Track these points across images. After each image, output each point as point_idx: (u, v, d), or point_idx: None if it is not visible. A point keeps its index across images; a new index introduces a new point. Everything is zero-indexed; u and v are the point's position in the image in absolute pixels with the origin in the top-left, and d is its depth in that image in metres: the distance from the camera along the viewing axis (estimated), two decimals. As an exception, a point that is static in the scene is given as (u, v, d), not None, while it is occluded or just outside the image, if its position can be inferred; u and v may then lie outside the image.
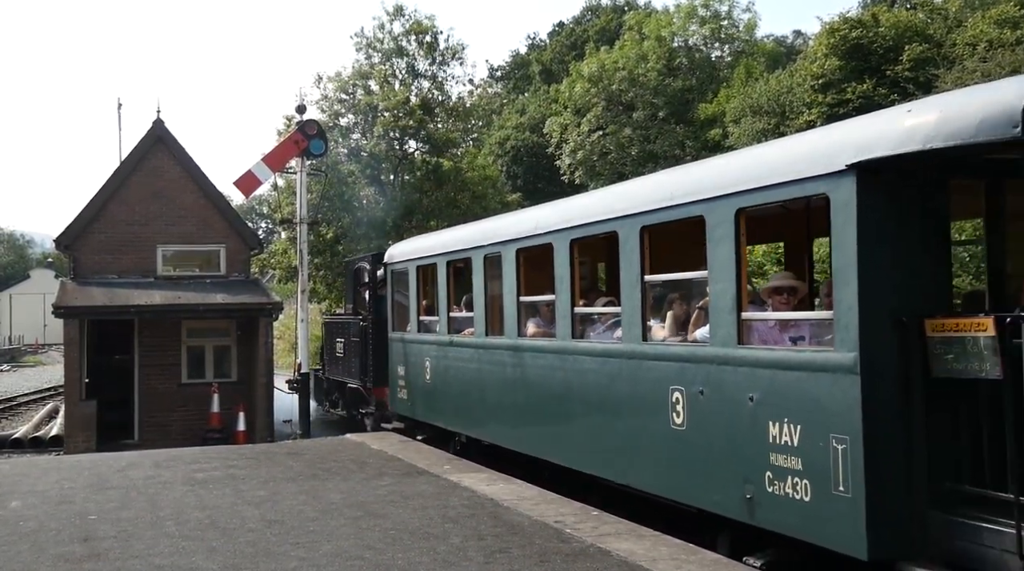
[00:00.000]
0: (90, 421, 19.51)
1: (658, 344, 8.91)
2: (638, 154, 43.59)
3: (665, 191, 8.83)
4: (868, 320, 6.42)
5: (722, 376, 7.79)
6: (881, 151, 6.34)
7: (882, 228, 6.47)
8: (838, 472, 6.57)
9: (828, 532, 6.68)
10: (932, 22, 33.97)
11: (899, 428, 6.40)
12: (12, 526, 8.79)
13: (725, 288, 7.77)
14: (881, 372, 6.42)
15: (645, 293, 9.02)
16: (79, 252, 21.79)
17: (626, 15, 54.81)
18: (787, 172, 7.15)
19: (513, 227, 12.09)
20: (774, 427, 7.18)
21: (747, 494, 7.42)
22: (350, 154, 42.67)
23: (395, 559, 7.27)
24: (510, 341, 11.87)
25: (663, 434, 8.53)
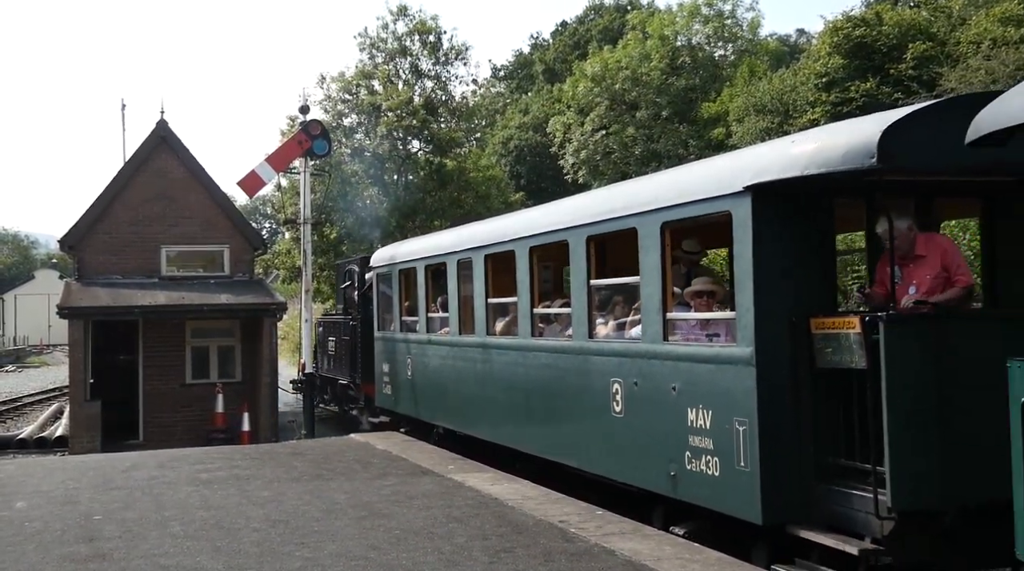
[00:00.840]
0: (95, 421, 19.54)
1: (601, 341, 9.99)
2: (641, 153, 43.58)
3: (607, 205, 9.97)
4: (762, 320, 7.49)
5: (651, 369, 8.91)
6: (771, 175, 7.44)
7: (774, 241, 7.54)
8: (740, 450, 7.63)
9: (732, 502, 7.74)
10: (935, 20, 33.91)
11: (789, 411, 7.47)
12: (17, 526, 8.80)
13: (653, 291, 8.84)
14: (773, 364, 7.47)
15: (591, 295, 10.16)
16: (83, 253, 21.81)
17: (629, 14, 54.79)
18: (700, 191, 8.26)
19: (482, 235, 13.20)
20: (692, 413, 8.28)
21: (671, 472, 8.52)
22: (353, 154, 42.70)
23: (399, 559, 7.28)
24: (479, 339, 12.95)
25: (605, 421, 9.63)
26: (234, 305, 20.98)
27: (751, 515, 7.52)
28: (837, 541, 7.02)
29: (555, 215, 11.31)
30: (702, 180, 8.48)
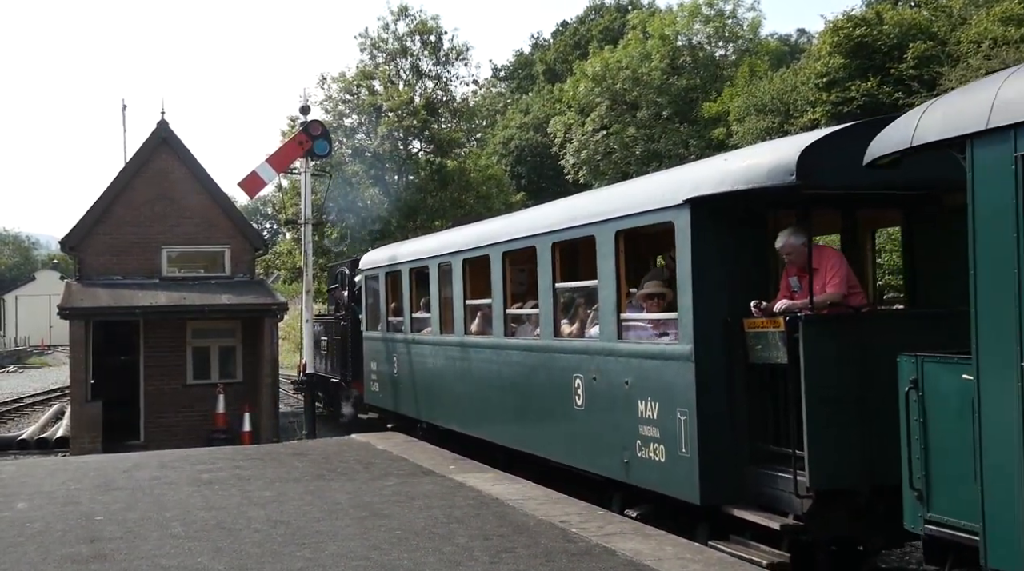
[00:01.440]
0: (96, 422, 19.54)
1: (565, 340, 10.83)
2: (642, 153, 43.58)
3: (569, 214, 10.78)
4: (700, 320, 8.31)
5: (608, 365, 9.75)
6: (706, 190, 8.29)
7: (710, 248, 8.36)
8: (682, 438, 8.46)
9: (675, 485, 8.59)
10: (936, 20, 33.88)
11: (724, 403, 8.29)
12: (19, 527, 8.81)
13: (609, 294, 9.67)
14: (710, 360, 8.29)
15: (556, 297, 10.99)
16: (84, 253, 21.82)
17: (630, 14, 54.81)
18: (648, 203, 9.12)
19: (459, 240, 14.05)
20: (642, 405, 9.11)
21: (625, 459, 9.37)
22: (354, 154, 42.71)
23: (401, 559, 7.28)
24: (458, 339, 13.79)
25: (568, 413, 10.52)
26: (235, 305, 20.98)
27: (691, 497, 8.37)
28: (763, 518, 7.82)
29: (524, 222, 12.17)
30: (650, 193, 9.38)
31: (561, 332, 11.01)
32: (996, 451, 5.66)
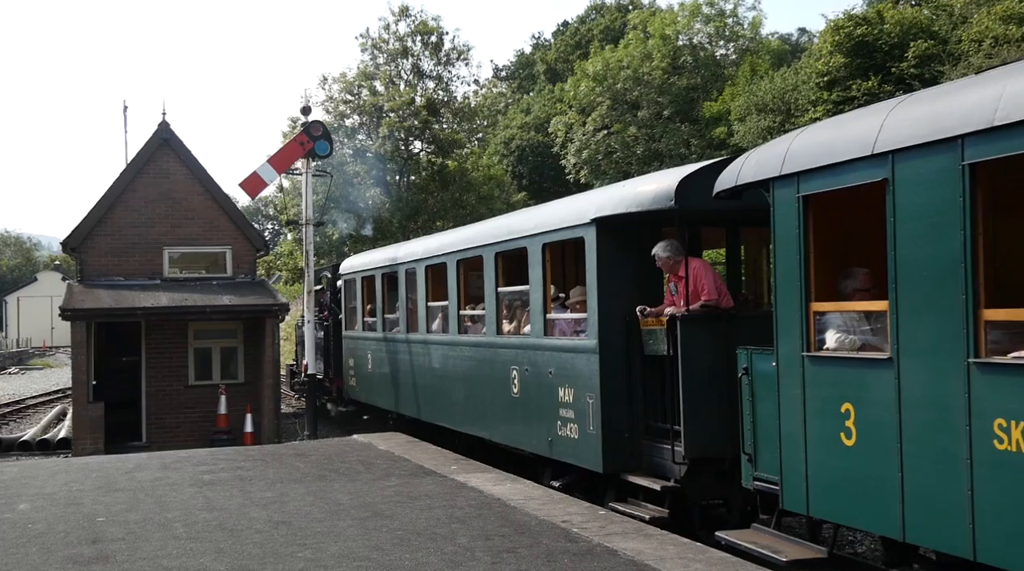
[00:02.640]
0: (98, 423, 19.54)
1: (505, 336, 12.59)
2: (643, 153, 43.58)
3: (508, 229, 12.55)
4: (603, 319, 10.11)
5: (536, 358, 11.58)
6: (607, 211, 10.13)
7: (612, 260, 10.15)
8: (589, 418, 10.23)
9: (584, 457, 10.41)
10: (937, 19, 33.87)
11: (624, 388, 10.09)
12: (21, 528, 8.82)
13: (538, 297, 11.53)
14: (612, 352, 10.09)
15: (499, 300, 12.69)
16: (86, 254, 21.82)
17: (631, 14, 54.81)
18: (566, 221, 10.93)
19: (423, 249, 15.94)
20: (561, 391, 10.89)
21: (549, 438, 11.19)
22: (356, 155, 42.73)
23: (402, 560, 7.28)
24: (421, 336, 15.66)
25: (508, 401, 12.34)
26: (237, 306, 20.98)
27: (596, 466, 10.17)
28: (650, 482, 9.60)
29: (475, 234, 13.87)
30: (568, 212, 11.07)
31: (503, 330, 12.74)
32: (789, 422, 7.53)
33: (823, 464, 7.16)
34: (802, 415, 7.34)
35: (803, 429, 7.32)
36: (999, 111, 5.56)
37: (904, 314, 6.45)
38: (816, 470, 7.23)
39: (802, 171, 7.33)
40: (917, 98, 6.77)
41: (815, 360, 7.26)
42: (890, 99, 7.40)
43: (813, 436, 7.24)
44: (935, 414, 6.17)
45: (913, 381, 6.36)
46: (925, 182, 6.23)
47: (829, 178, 7.09)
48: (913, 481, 6.34)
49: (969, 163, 5.82)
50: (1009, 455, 5.58)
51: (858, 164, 6.79)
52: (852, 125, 7.14)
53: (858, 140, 6.84)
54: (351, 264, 20.32)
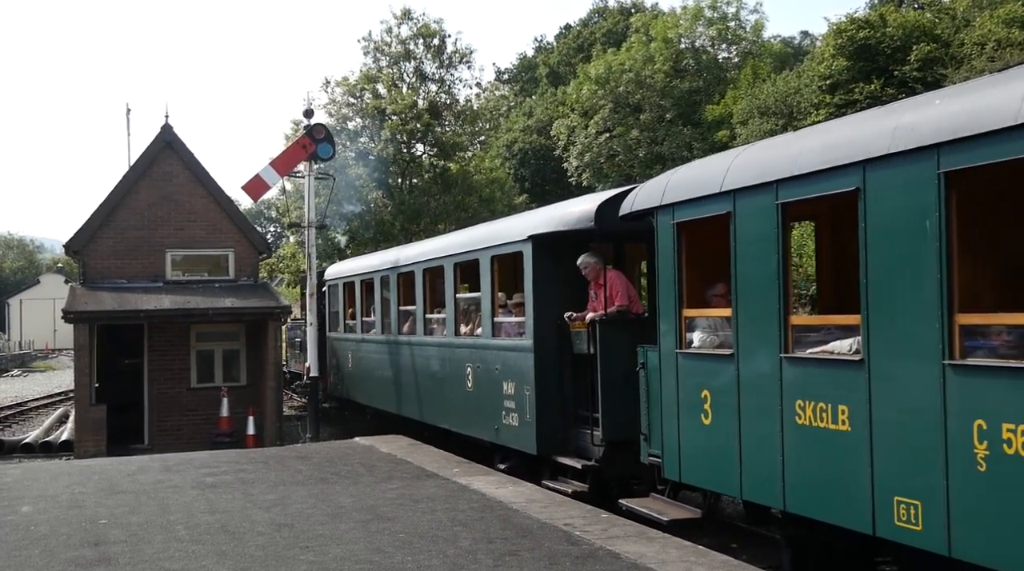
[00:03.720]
0: (100, 425, 19.54)
1: (462, 337, 14.26)
2: (646, 156, 43.58)
3: (465, 242, 14.46)
4: (538, 323, 11.77)
5: (486, 356, 13.19)
6: (541, 229, 11.88)
7: (545, 272, 11.83)
8: (527, 408, 11.81)
9: (523, 442, 12.02)
10: (940, 22, 33.85)
11: (555, 381, 11.70)
12: (23, 531, 8.82)
13: (487, 303, 13.18)
14: (545, 351, 11.71)
15: (457, 305, 14.49)
16: (88, 257, 21.83)
17: (633, 17, 54.83)
18: (509, 237, 12.66)
19: (394, 258, 17.70)
20: (506, 385, 12.46)
21: (496, 427, 12.75)
22: (358, 158, 42.73)
23: (404, 562, 7.28)
24: (393, 337, 17.38)
25: (463, 395, 14.04)
26: (239, 309, 20.99)
27: (532, 450, 11.79)
28: (574, 462, 11.18)
29: (437, 247, 15.75)
30: (511, 229, 12.89)
31: (460, 332, 14.40)
32: (667, 406, 9.27)
33: (689, 439, 8.93)
34: (675, 400, 9.12)
35: (676, 412, 9.09)
36: (798, 164, 7.44)
37: (742, 319, 8.10)
38: (685, 444, 8.99)
39: (676, 202, 9.05)
40: (755, 147, 8.68)
41: (684, 355, 9.03)
42: (736, 148, 9.46)
43: (683, 417, 8.99)
44: (759, 399, 7.86)
45: (747, 372, 8.06)
46: (754, 216, 7.93)
47: (694, 209, 8.81)
48: (747, 451, 8.03)
49: (780, 202, 7.62)
50: (805, 428, 7.35)
51: (712, 199, 8.48)
52: (711, 166, 8.95)
53: (712, 179, 8.54)
54: (334, 271, 22.26)
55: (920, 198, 6.30)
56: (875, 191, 6.68)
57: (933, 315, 6.19)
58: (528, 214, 13.94)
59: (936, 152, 6.18)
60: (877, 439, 6.65)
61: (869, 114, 7.49)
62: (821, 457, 7.17)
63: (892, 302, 6.61)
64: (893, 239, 6.60)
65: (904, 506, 6.43)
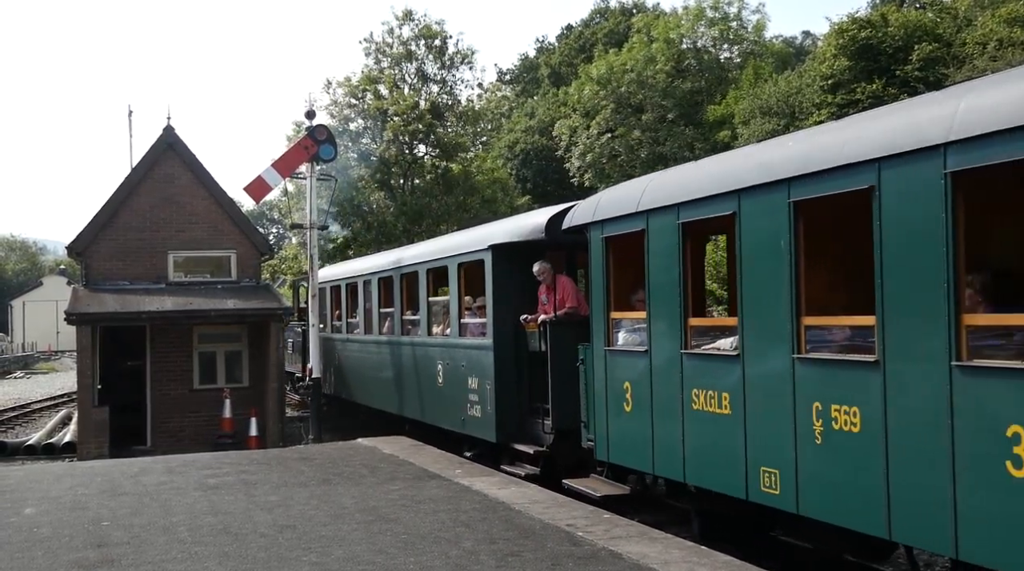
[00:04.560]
0: (103, 427, 19.55)
1: (434, 337, 15.69)
2: (647, 156, 43.57)
3: (435, 250, 16.06)
4: (497, 324, 13.14)
5: (454, 354, 14.67)
6: (500, 240, 13.28)
7: (504, 277, 13.18)
8: (488, 400, 13.20)
9: (484, 431, 13.41)
10: (941, 21, 33.85)
11: (513, 377, 13.04)
12: (26, 532, 8.83)
13: (455, 306, 14.66)
14: (504, 349, 13.06)
15: (429, 308, 15.96)
16: (91, 259, 21.84)
17: (634, 17, 54.79)
18: (473, 246, 14.21)
19: (377, 264, 19.31)
20: (470, 380, 13.86)
21: (462, 418, 14.15)
22: (360, 159, 42.73)
23: (407, 564, 7.28)
24: (374, 337, 18.94)
25: (435, 389, 15.53)
26: (241, 310, 20.99)
27: (492, 438, 13.21)
28: (528, 447, 12.53)
29: (413, 254, 17.27)
30: (474, 239, 14.43)
31: (432, 332, 15.82)
32: (598, 396, 10.64)
33: (615, 425, 10.31)
34: (604, 391, 10.46)
35: (605, 401, 10.46)
36: (692, 190, 8.96)
37: (653, 320, 9.52)
38: (612, 429, 10.39)
39: (605, 219, 10.41)
40: (665, 174, 10.36)
41: (611, 352, 10.38)
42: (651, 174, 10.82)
43: (610, 406, 10.37)
44: (666, 388, 9.27)
45: (657, 366, 9.45)
46: (662, 232, 9.32)
47: (619, 225, 10.14)
48: (658, 433, 9.45)
49: (681, 222, 9.04)
50: (699, 412, 8.74)
51: (631, 217, 9.81)
52: (631, 188, 10.37)
53: (632, 200, 9.85)
54: (323, 275, 23.16)
55: (777, 222, 7.61)
56: (746, 215, 8.08)
57: (787, 317, 7.53)
58: (489, 225, 15.42)
59: (788, 185, 7.52)
60: (749, 420, 8.03)
61: (744, 151, 9.54)
62: (710, 436, 8.60)
63: (760, 307, 7.97)
64: (759, 255, 7.93)
65: (767, 474, 7.84)
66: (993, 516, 5.78)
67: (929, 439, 6.25)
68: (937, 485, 6.17)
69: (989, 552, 5.84)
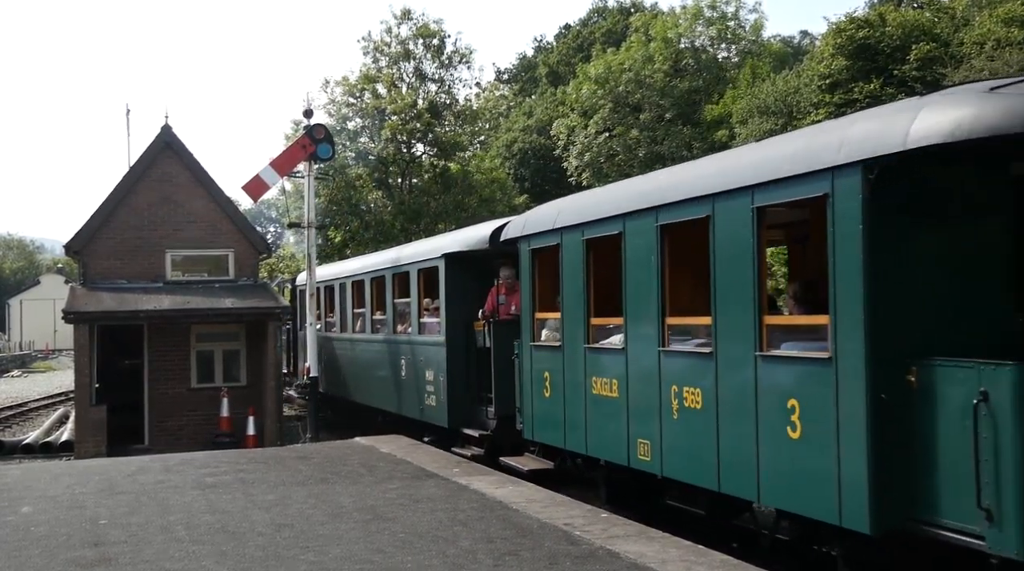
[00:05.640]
0: (100, 426, 19.54)
1: (398, 335, 17.42)
2: (645, 155, 43.55)
3: (398, 258, 17.93)
4: (449, 323, 14.93)
5: (414, 350, 16.44)
6: (452, 249, 15.22)
7: (456, 283, 15.01)
8: (442, 391, 15.00)
9: (439, 419, 15.22)
10: (939, 21, 33.85)
11: (462, 370, 14.81)
12: (23, 531, 8.83)
13: (415, 306, 16.55)
14: (455, 345, 14.85)
15: (394, 308, 17.72)
16: (89, 257, 21.82)
17: (632, 16, 54.79)
18: (428, 254, 16.17)
19: (352, 268, 21.33)
20: (427, 373, 15.71)
21: (421, 407, 16.04)
22: (358, 158, 42.72)
23: (405, 563, 7.29)
24: (349, 336, 20.85)
25: (398, 381, 17.29)
26: (239, 309, 20.98)
27: (444, 424, 15.02)
28: (474, 432, 14.28)
29: (380, 260, 19.13)
30: (431, 248, 16.34)
31: (396, 330, 17.58)
32: (526, 384, 12.35)
33: (537, 408, 12.05)
34: (530, 380, 12.20)
35: (531, 389, 12.19)
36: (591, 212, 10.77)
37: (565, 320, 11.25)
38: (536, 412, 12.10)
39: (531, 234, 12.16)
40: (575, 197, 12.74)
41: (535, 347, 12.13)
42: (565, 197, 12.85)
43: (534, 392, 12.09)
44: (574, 376, 11.03)
45: (567, 359, 11.19)
46: (572, 247, 11.08)
47: (541, 239, 11.90)
48: (568, 415, 11.16)
49: (584, 238, 10.82)
50: (597, 396, 10.45)
51: (550, 233, 11.64)
52: (551, 209, 12.16)
53: (550, 219, 11.74)
54: (302, 278, 24.65)
55: (649, 241, 9.40)
56: (629, 234, 9.86)
57: (656, 318, 9.31)
58: (444, 236, 18.03)
59: (656, 212, 9.30)
60: (631, 401, 9.80)
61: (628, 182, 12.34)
62: (604, 416, 10.33)
63: (637, 309, 9.69)
64: (636, 267, 9.68)
65: (643, 445, 9.59)
66: (779, 470, 7.57)
67: (743, 412, 7.99)
68: (747, 447, 7.92)
69: (775, 497, 7.70)
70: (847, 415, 6.82)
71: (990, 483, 5.92)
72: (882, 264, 6.71)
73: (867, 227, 6.67)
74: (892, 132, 6.60)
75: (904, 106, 7.05)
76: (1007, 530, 5.87)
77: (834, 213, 6.96)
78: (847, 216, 6.83)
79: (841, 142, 7.01)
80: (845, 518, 6.84)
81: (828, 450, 6.97)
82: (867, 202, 6.67)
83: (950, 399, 6.28)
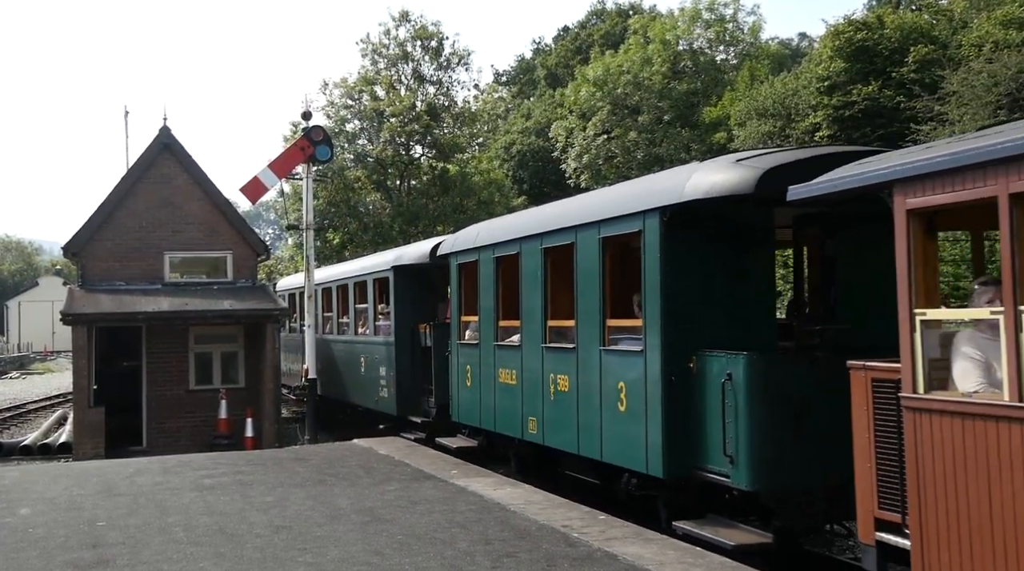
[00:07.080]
0: (99, 428, 19.52)
1: (359, 336, 19.98)
2: (644, 157, 43.55)
3: (357, 268, 20.89)
4: (398, 325, 17.45)
5: (370, 349, 18.91)
6: (400, 262, 17.72)
7: (404, 291, 17.56)
8: (392, 384, 17.45)
9: (389, 408, 17.64)
10: (937, 23, 33.88)
11: (408, 365, 17.20)
12: (21, 533, 8.83)
13: (371, 311, 19.04)
14: (403, 345, 17.30)
15: (356, 313, 20.27)
16: (87, 259, 21.80)
17: (631, 19, 54.77)
18: (380, 266, 18.73)
19: (331, 273, 23.52)
20: (381, 369, 18.10)
21: (375, 399, 18.41)
22: (356, 159, 42.72)
23: (402, 564, 7.29)
24: (320, 336, 22.11)
25: (360, 377, 19.75)
26: (237, 311, 20.96)
27: (393, 412, 17.44)
28: (418, 418, 16.60)
29: (343, 270, 22.28)
30: (382, 261, 18.98)
31: (357, 332, 20.07)
32: (454, 376, 14.57)
33: (463, 396, 14.17)
34: (457, 373, 14.40)
35: (457, 380, 14.40)
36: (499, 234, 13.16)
37: (482, 322, 13.48)
38: (460, 399, 14.26)
39: (458, 251, 14.44)
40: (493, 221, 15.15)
41: (460, 345, 14.35)
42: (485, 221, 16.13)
43: (460, 383, 14.29)
44: (486, 369, 13.25)
45: (482, 354, 13.40)
46: (487, 263, 13.27)
47: (466, 256, 14.11)
48: (483, 399, 13.41)
49: (495, 256, 12.96)
50: (502, 384, 12.74)
51: (472, 251, 13.82)
52: (474, 230, 14.37)
53: (472, 238, 14.02)
54: (284, 284, 28.08)
55: (537, 260, 11.69)
56: (524, 254, 12.08)
57: (540, 321, 11.59)
58: (393, 251, 20.27)
59: (541, 238, 11.59)
60: (524, 387, 12.04)
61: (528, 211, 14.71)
62: (507, 400, 12.57)
63: (531, 314, 11.86)
64: (529, 281, 11.92)
65: (532, 421, 11.83)
66: (613, 434, 9.87)
67: (592, 393, 10.29)
68: (595, 419, 10.21)
69: (612, 454, 9.90)
70: (651, 394, 9.13)
71: (732, 437, 8.26)
72: (673, 281, 9.00)
73: (663, 254, 9.02)
74: (675, 188, 9.05)
75: (688, 168, 9.52)
76: (740, 469, 8.21)
77: (644, 244, 9.29)
78: (651, 246, 9.17)
79: (650, 192, 9.54)
80: (651, 468, 9.12)
81: (640, 419, 9.29)
82: (663, 236, 9.04)
83: (712, 379, 8.60)
